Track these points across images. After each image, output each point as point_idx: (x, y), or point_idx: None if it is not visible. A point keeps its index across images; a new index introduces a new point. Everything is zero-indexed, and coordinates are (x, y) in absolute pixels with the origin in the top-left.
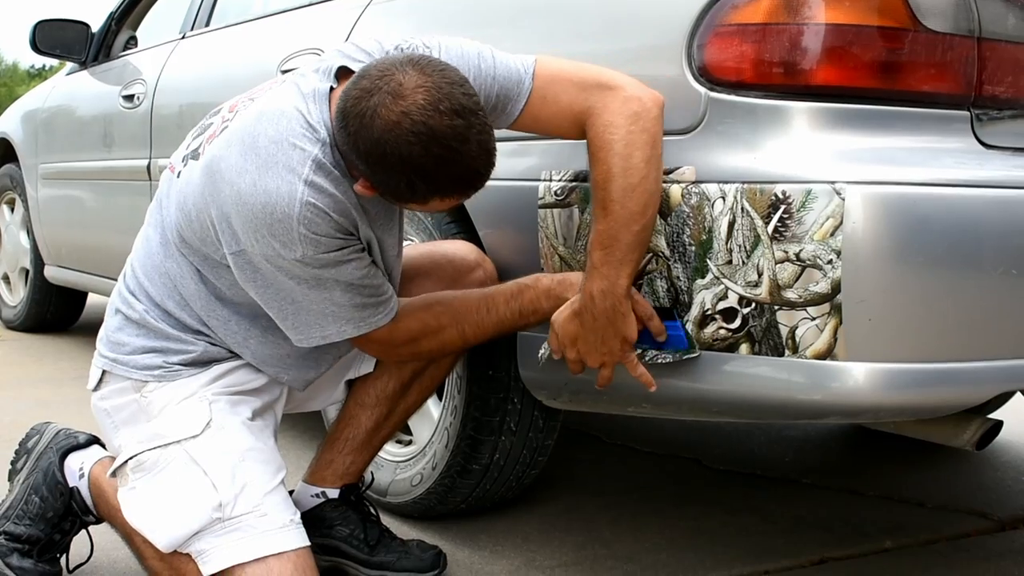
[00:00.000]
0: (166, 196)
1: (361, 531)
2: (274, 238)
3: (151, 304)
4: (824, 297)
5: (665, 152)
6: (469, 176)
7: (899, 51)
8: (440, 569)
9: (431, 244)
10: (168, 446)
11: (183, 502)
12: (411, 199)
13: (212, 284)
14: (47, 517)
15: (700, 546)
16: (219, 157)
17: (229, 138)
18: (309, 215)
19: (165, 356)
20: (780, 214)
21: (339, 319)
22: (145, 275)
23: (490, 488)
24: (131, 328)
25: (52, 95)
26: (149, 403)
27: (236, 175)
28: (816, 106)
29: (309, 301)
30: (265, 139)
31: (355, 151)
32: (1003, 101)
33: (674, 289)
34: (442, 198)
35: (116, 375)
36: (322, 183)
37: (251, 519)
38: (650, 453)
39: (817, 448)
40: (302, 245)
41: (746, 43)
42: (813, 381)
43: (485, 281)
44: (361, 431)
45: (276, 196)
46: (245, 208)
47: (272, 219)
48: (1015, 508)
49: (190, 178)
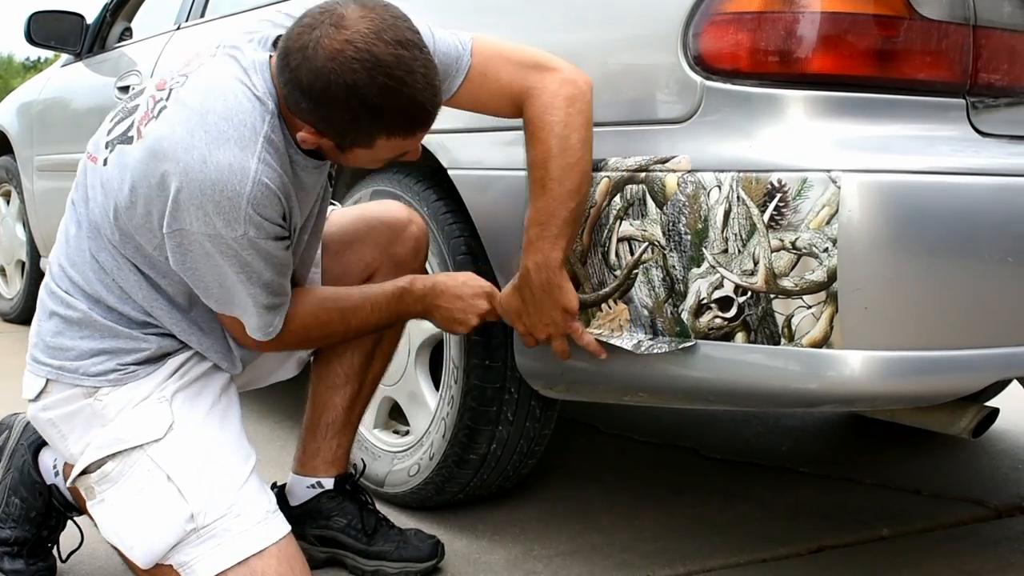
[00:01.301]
0: (89, 187)
1: (358, 521)
2: (219, 216)
3: (91, 301)
4: (820, 285)
5: (661, 141)
6: (415, 110)
7: (895, 39)
8: (438, 558)
9: (360, 209)
10: (131, 451)
11: (155, 516)
12: (356, 138)
13: (148, 272)
14: (31, 517)
15: (697, 534)
16: (163, 136)
17: (172, 117)
18: (259, 195)
19: (118, 358)
20: (776, 203)
21: (250, 312)
22: (78, 271)
23: (488, 478)
24: (73, 331)
25: (47, 87)
26: (104, 407)
27: (184, 151)
28: (812, 94)
29: (233, 285)
30: (214, 115)
31: (298, 88)
32: (999, 89)
33: (670, 278)
34: (388, 135)
35: (62, 383)
36: (272, 161)
37: (226, 522)
38: (647, 442)
39: (814, 436)
40: (245, 225)
41: (741, 31)
42: (809, 369)
43: (419, 236)
44: (339, 413)
45: (228, 173)
46: (193, 184)
47: (221, 196)
48: (1011, 496)
49: (124, 162)
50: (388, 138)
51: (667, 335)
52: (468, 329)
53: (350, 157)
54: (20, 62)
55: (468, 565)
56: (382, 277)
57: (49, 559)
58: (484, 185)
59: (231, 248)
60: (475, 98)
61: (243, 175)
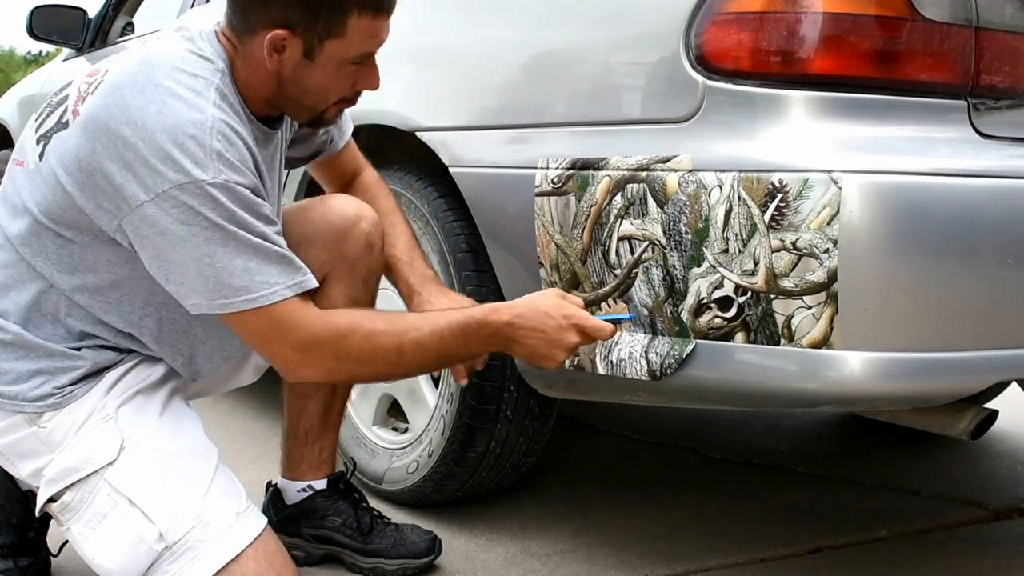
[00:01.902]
0: (21, 192)
1: (353, 520)
2: (187, 157)
3: (24, 320)
4: (820, 286)
5: (662, 140)
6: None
7: (896, 40)
8: (435, 555)
9: (305, 207)
10: (87, 479)
11: (124, 542)
12: (328, 19)
13: (92, 272)
14: (12, 523)
15: (696, 534)
16: (108, 104)
17: (111, 87)
18: (223, 128)
19: (54, 379)
20: (776, 203)
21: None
22: (10, 289)
23: (486, 476)
24: (8, 352)
25: (49, 81)
26: (49, 433)
27: (137, 111)
28: (813, 95)
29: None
30: (162, 72)
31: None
32: (1000, 91)
33: (670, 277)
34: (359, 10)
35: (4, 410)
36: (227, 109)
37: (197, 533)
38: (646, 442)
39: (813, 437)
40: (216, 161)
41: (743, 31)
42: (809, 370)
43: (370, 232)
44: (315, 419)
45: (186, 114)
46: (152, 137)
47: (184, 135)
48: (1010, 497)
49: (64, 148)
50: (359, 15)
51: (666, 335)
52: (557, 364)
53: (317, 68)
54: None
55: (466, 563)
56: (335, 280)
57: (41, 554)
58: (485, 183)
59: (209, 197)
60: (341, 161)
61: (202, 113)
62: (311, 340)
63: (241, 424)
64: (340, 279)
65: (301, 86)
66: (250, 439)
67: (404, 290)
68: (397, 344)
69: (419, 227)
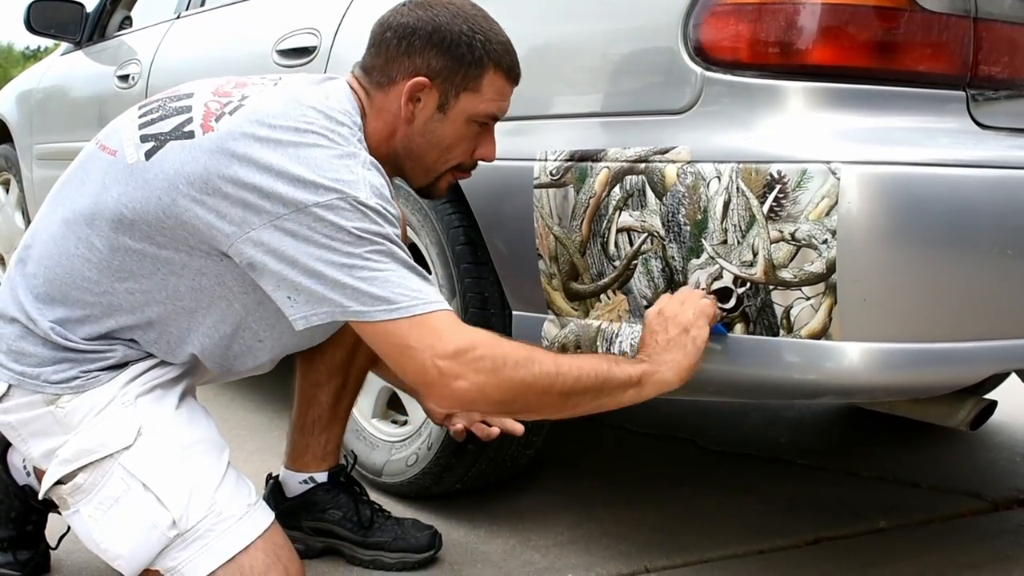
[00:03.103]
0: (97, 181)
1: (354, 513)
2: (336, 172)
3: (57, 321)
4: (819, 277)
5: (660, 131)
6: (512, 48)
7: (895, 31)
8: (436, 548)
9: None
10: (102, 461)
11: (136, 526)
12: (468, 70)
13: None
14: (11, 517)
15: (695, 526)
16: (263, 125)
17: (265, 112)
18: (373, 163)
19: (81, 365)
20: (775, 194)
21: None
22: (49, 278)
23: (485, 468)
24: (36, 338)
25: (47, 75)
26: (66, 414)
27: (295, 134)
28: (812, 86)
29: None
30: (314, 113)
31: (404, 31)
32: (999, 81)
33: (669, 269)
34: (495, 67)
35: (24, 388)
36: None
37: (209, 522)
38: (645, 434)
39: (812, 429)
40: (365, 186)
41: (742, 22)
42: (808, 361)
43: None
44: (324, 409)
45: (342, 151)
46: (308, 161)
47: (335, 157)
48: (1009, 488)
49: (184, 160)
50: (496, 72)
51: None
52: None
53: (449, 121)
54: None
55: (466, 555)
56: None
57: (40, 547)
58: (483, 175)
59: (363, 212)
60: None
61: (354, 159)
62: (466, 347)
63: (241, 417)
64: None
65: (429, 139)
66: (250, 432)
67: None
68: (574, 380)
69: (418, 220)
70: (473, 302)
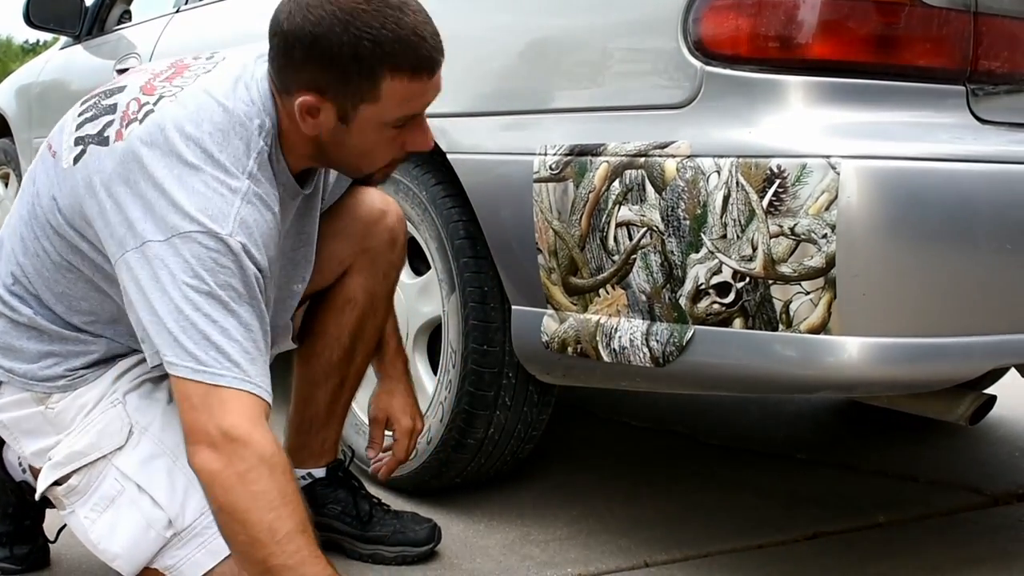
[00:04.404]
0: (45, 181)
1: (353, 508)
2: (210, 209)
3: (38, 304)
4: (818, 271)
5: (660, 126)
6: (417, 39)
7: (895, 25)
8: (435, 542)
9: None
10: (95, 463)
11: (132, 527)
12: (360, 84)
13: (95, 279)
14: (8, 513)
15: (694, 520)
16: (149, 144)
17: (157, 127)
18: (253, 199)
19: (67, 362)
20: (775, 188)
21: (233, 340)
22: (24, 271)
23: (485, 463)
24: (20, 332)
25: (46, 69)
26: (57, 414)
27: (177, 159)
28: (812, 80)
29: (205, 311)
30: (209, 124)
31: (290, 42)
32: (999, 76)
33: (668, 264)
34: (392, 72)
35: (13, 385)
36: (262, 180)
37: (204, 519)
38: (645, 428)
39: (811, 423)
40: (235, 224)
41: (742, 17)
42: (807, 355)
43: (394, 227)
44: (321, 408)
45: (224, 178)
46: (184, 188)
47: (213, 192)
48: (1008, 483)
49: (97, 165)
50: (393, 77)
51: (665, 321)
52: None
53: (355, 132)
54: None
55: (465, 549)
56: (357, 272)
57: (38, 542)
58: (483, 169)
59: (211, 255)
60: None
61: (237, 181)
62: (242, 436)
63: None
64: (361, 271)
65: (342, 150)
66: None
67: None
68: (283, 524)
69: (417, 214)
70: (472, 296)
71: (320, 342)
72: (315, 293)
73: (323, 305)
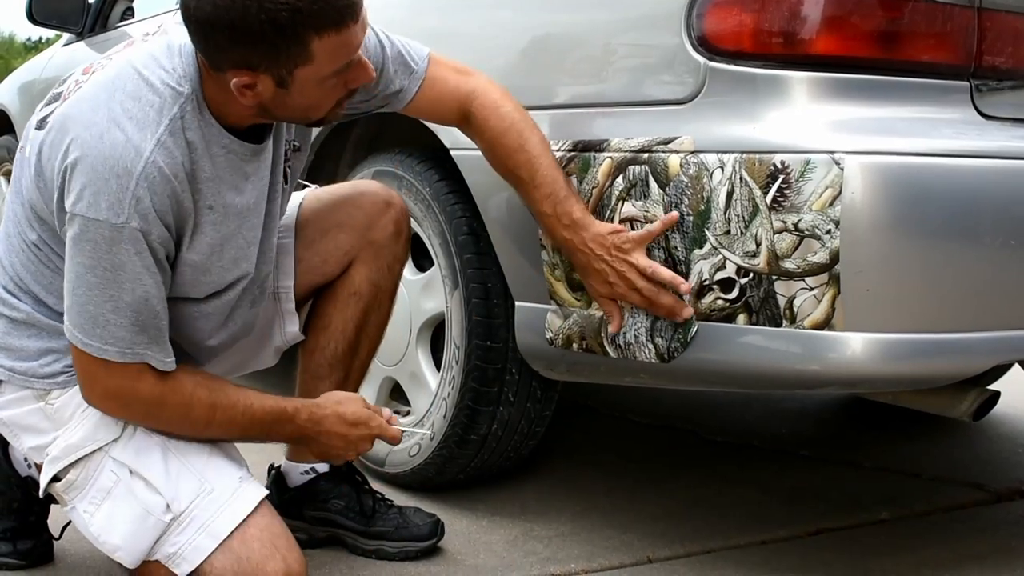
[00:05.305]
0: (18, 180)
1: (356, 503)
2: (106, 195)
3: (34, 301)
4: (822, 267)
5: (664, 122)
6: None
7: (899, 20)
8: (438, 537)
9: (335, 192)
10: (91, 456)
11: (132, 515)
12: (288, 52)
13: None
14: (13, 508)
15: (697, 516)
16: (69, 115)
17: (82, 95)
18: (151, 176)
19: (65, 358)
20: (779, 184)
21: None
22: (16, 270)
23: (488, 459)
24: (20, 330)
25: (49, 66)
26: (56, 410)
27: (84, 128)
28: (815, 76)
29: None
30: (122, 94)
31: (208, 26)
32: (1003, 72)
33: (672, 259)
34: (318, 32)
35: (14, 384)
36: (172, 146)
37: (201, 502)
38: (648, 425)
39: (814, 420)
40: (130, 210)
41: (745, 12)
42: (810, 351)
43: (398, 219)
44: None
45: (122, 150)
46: (86, 160)
47: (111, 173)
48: (1011, 480)
49: (41, 144)
50: (320, 36)
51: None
52: (340, 462)
53: (296, 93)
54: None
55: (468, 545)
56: (361, 263)
57: (42, 537)
58: (486, 165)
59: (107, 241)
60: (428, 103)
61: (137, 154)
62: (119, 399)
63: None
64: (365, 264)
65: (286, 109)
66: None
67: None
68: (207, 416)
69: (420, 210)
70: (476, 292)
71: (324, 335)
72: (320, 286)
73: (328, 298)
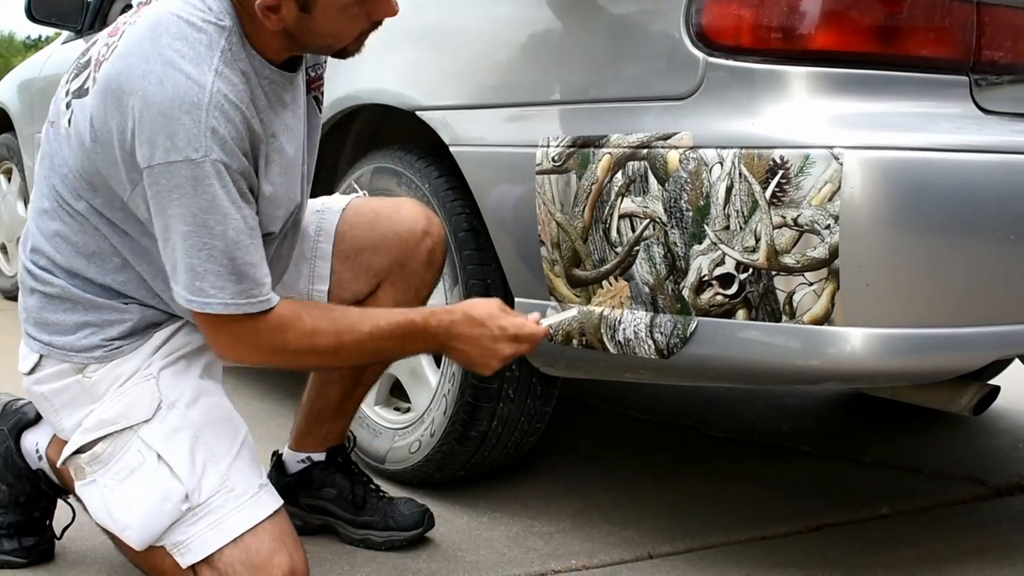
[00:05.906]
0: (54, 155)
1: (348, 492)
2: (182, 134)
3: (68, 275)
4: (822, 262)
5: (663, 117)
6: None
7: (898, 15)
8: (424, 528)
9: (376, 212)
10: (121, 432)
11: (150, 498)
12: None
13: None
14: (20, 502)
15: (698, 512)
16: (118, 71)
17: (124, 50)
18: (220, 104)
19: (103, 331)
20: (778, 179)
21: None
22: (51, 245)
23: (488, 455)
24: (55, 305)
25: (48, 64)
26: (93, 384)
27: (140, 79)
28: (814, 71)
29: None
30: (168, 37)
31: None
32: (1002, 66)
33: (671, 255)
34: None
35: (53, 358)
36: (230, 75)
37: (219, 498)
38: (648, 421)
39: (815, 415)
40: (208, 141)
41: (744, 7)
42: (810, 346)
43: (433, 248)
44: (332, 402)
45: (185, 88)
46: (153, 108)
47: (180, 111)
48: (1011, 474)
49: (83, 113)
50: None
51: (668, 313)
52: (490, 372)
53: (319, 18)
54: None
55: (469, 541)
56: (390, 286)
57: (46, 535)
58: (486, 162)
59: (191, 182)
60: None
61: (200, 88)
62: (245, 344)
63: (244, 405)
64: (394, 285)
65: (310, 35)
66: (254, 420)
67: None
68: (335, 343)
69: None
70: (475, 289)
71: None
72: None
73: None
